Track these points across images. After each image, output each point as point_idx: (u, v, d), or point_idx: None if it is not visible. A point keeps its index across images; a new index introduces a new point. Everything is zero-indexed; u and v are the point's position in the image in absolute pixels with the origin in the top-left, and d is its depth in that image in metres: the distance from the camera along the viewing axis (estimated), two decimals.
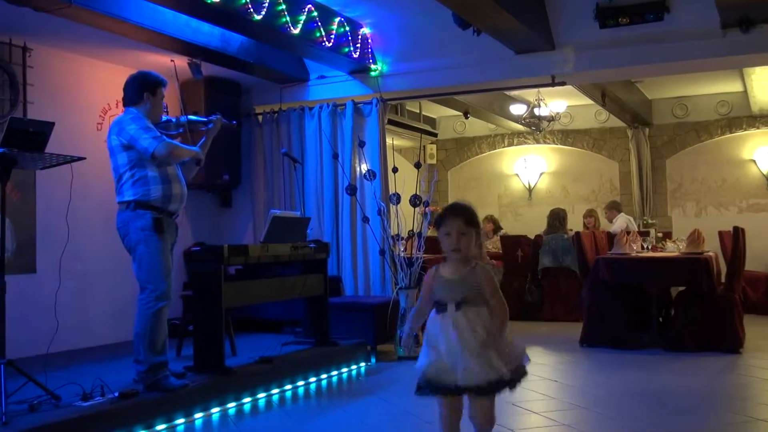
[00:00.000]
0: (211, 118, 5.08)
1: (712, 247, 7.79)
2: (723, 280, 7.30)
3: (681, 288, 7.33)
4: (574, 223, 10.67)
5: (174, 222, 4.70)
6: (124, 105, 4.72)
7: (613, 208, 10.11)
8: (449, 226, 3.10)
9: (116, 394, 4.26)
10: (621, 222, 9.58)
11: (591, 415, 4.61)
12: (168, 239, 4.59)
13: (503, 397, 5.06)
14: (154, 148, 4.45)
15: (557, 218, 9.58)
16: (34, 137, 4.19)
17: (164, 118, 4.88)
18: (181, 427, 4.43)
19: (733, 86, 10.89)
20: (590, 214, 10.42)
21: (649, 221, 11.38)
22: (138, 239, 4.48)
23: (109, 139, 4.59)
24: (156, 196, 4.51)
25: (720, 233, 7.89)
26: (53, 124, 4.31)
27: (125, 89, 4.73)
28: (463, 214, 3.12)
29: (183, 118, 4.94)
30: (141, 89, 4.67)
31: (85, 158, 4.66)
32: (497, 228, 11.09)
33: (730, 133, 11.53)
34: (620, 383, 5.59)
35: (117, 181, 4.58)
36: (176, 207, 4.65)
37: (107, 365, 5.62)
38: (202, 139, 5.03)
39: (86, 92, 7.07)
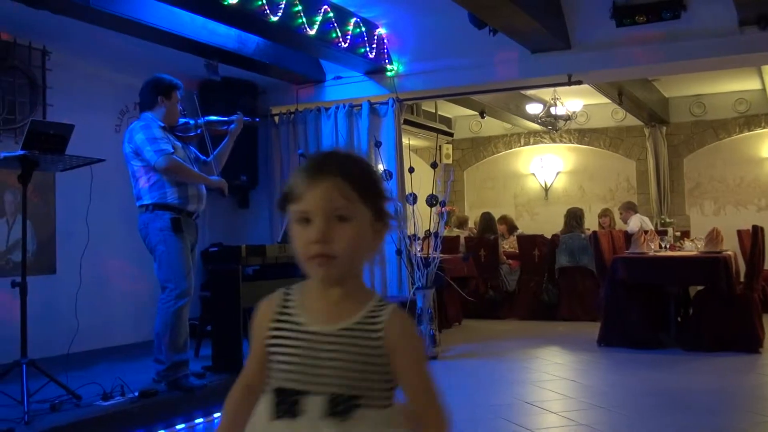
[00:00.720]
0: (232, 117, 5.09)
1: (730, 246, 7.74)
2: (742, 279, 7.25)
3: (699, 287, 7.29)
4: (591, 223, 10.63)
5: (194, 222, 4.73)
6: (140, 110, 4.78)
7: (629, 209, 10.06)
8: (310, 198, 1.43)
9: (136, 394, 4.30)
10: (635, 222, 9.53)
11: (609, 415, 4.60)
12: (187, 239, 4.62)
13: (520, 397, 5.09)
14: (154, 162, 4.48)
15: (574, 217, 9.55)
16: (54, 140, 4.24)
17: (182, 120, 4.90)
18: (201, 427, 4.47)
19: (751, 84, 10.80)
20: (605, 213, 10.38)
21: (667, 220, 11.32)
22: (157, 239, 4.52)
23: (123, 146, 4.66)
24: (173, 197, 4.56)
25: (739, 232, 7.84)
26: (73, 126, 4.35)
27: (140, 95, 4.79)
28: (343, 169, 1.44)
29: (201, 120, 4.94)
30: (155, 93, 4.71)
31: (104, 160, 4.71)
32: (513, 228, 11.08)
33: (749, 131, 11.44)
34: (638, 383, 5.57)
35: (135, 186, 4.64)
36: (195, 207, 4.68)
37: (127, 365, 5.66)
38: (225, 140, 5.05)
39: (104, 94, 7.12)
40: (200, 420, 4.50)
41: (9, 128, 6.08)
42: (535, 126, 11.93)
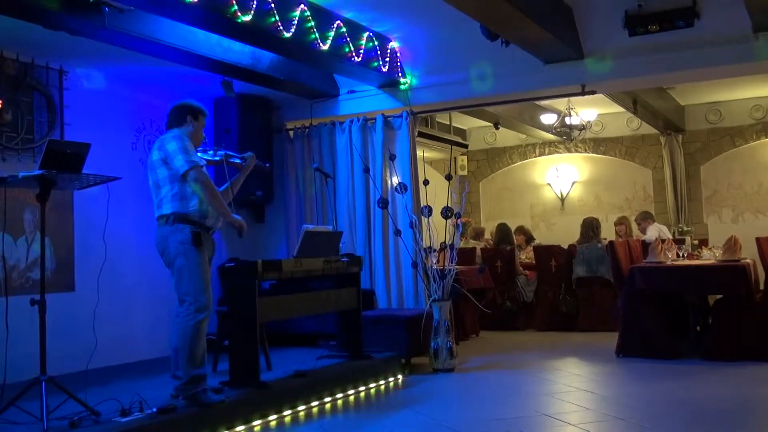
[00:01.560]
0: (245, 155, 5.19)
1: (749, 254, 7.68)
2: (762, 287, 7.18)
3: (718, 296, 7.22)
4: (607, 232, 10.59)
5: (211, 237, 4.78)
6: (168, 128, 4.84)
7: (646, 218, 10.00)
8: None
9: (154, 410, 4.31)
10: (653, 231, 9.47)
11: (628, 427, 4.56)
12: (206, 253, 4.65)
13: (538, 409, 5.07)
14: (185, 170, 4.53)
15: (590, 227, 9.52)
16: (71, 158, 4.29)
17: (203, 146, 4.99)
18: None
19: (767, 90, 10.74)
20: (621, 221, 10.32)
21: (685, 229, 11.24)
22: (177, 252, 4.56)
23: (150, 154, 4.72)
24: (194, 210, 4.60)
25: (758, 240, 7.77)
26: (89, 145, 4.40)
27: (169, 115, 4.86)
28: None
29: (221, 151, 5.04)
30: (184, 113, 4.82)
31: (120, 178, 4.75)
32: (530, 239, 11.06)
33: (766, 137, 11.38)
34: (657, 394, 5.53)
35: (156, 196, 4.67)
36: (213, 223, 4.73)
37: (145, 381, 5.69)
38: (237, 175, 5.12)
39: (121, 112, 7.20)
40: None
41: (28, 147, 6.16)
42: (550, 136, 11.92)
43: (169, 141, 4.62)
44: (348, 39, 6.79)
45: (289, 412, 5.11)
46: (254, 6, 5.64)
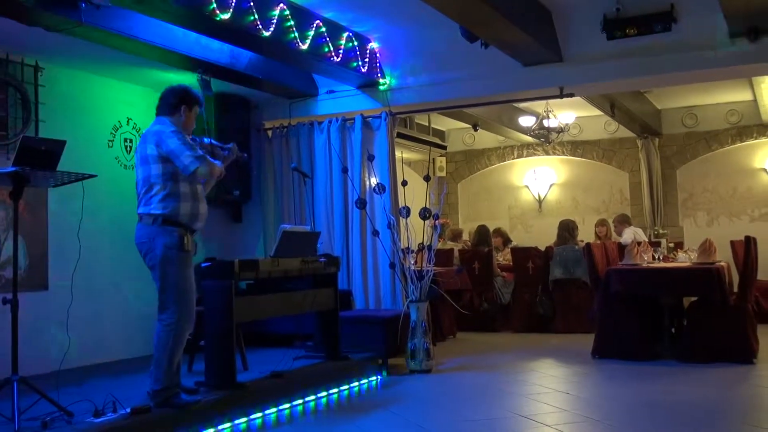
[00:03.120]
0: (227, 145, 5.11)
1: (724, 257, 7.75)
2: (735, 290, 7.25)
3: (693, 298, 7.29)
4: (585, 234, 10.66)
5: (194, 240, 4.70)
6: (158, 113, 4.69)
7: (623, 222, 10.10)
8: None
9: (128, 410, 4.27)
10: (629, 234, 9.56)
11: (603, 428, 4.59)
12: (191, 256, 4.59)
13: (514, 410, 5.08)
14: (196, 167, 4.43)
15: (567, 229, 9.57)
16: (46, 155, 4.23)
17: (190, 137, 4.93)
18: None
19: (742, 95, 10.86)
20: (602, 223, 10.40)
21: (660, 231, 11.34)
22: (164, 257, 4.43)
23: (143, 147, 4.52)
24: (184, 212, 4.49)
25: (732, 243, 7.85)
26: (65, 142, 4.35)
27: (163, 97, 4.71)
28: None
29: (206, 140, 4.97)
30: (180, 102, 4.66)
31: (96, 175, 4.70)
32: (507, 241, 11.11)
33: (741, 142, 11.50)
34: (633, 395, 5.56)
35: (145, 192, 4.50)
36: (200, 225, 4.66)
37: (119, 381, 5.63)
38: (218, 164, 5.07)
39: (97, 110, 7.12)
40: None
41: (1, 144, 6.08)
42: (528, 138, 11.98)
43: (170, 136, 4.45)
44: (327, 39, 6.77)
45: (265, 412, 5.08)
46: (233, 4, 5.61)
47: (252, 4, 5.82)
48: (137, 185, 4.58)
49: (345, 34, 7.08)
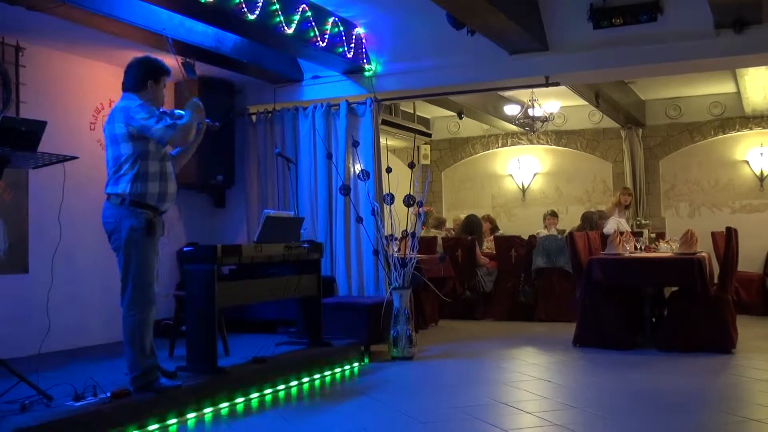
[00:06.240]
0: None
1: (705, 248, 7.81)
2: (716, 280, 7.31)
3: (674, 288, 7.34)
4: (565, 224, 10.79)
5: (162, 219, 4.63)
6: (124, 89, 4.58)
7: (603, 218, 10.22)
8: None
9: (108, 394, 4.24)
10: (611, 224, 9.62)
11: (584, 415, 4.62)
12: (157, 240, 4.54)
13: (495, 397, 5.10)
14: (171, 135, 4.37)
15: (589, 221, 9.75)
16: (26, 136, 4.17)
17: (161, 109, 4.83)
18: (174, 428, 4.41)
19: (726, 87, 10.92)
20: (628, 192, 10.72)
21: (643, 222, 11.39)
22: (129, 239, 4.38)
23: (111, 127, 4.43)
24: (152, 192, 4.42)
25: (713, 234, 7.91)
26: (45, 123, 4.29)
27: (127, 73, 4.59)
28: None
29: (176, 112, 4.86)
30: (145, 76, 4.55)
31: (77, 157, 4.65)
32: (494, 228, 11.15)
33: (723, 134, 11.56)
34: (613, 383, 5.60)
35: (115, 171, 4.42)
36: (168, 206, 4.60)
37: (99, 365, 5.60)
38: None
39: (79, 92, 7.05)
40: (174, 421, 4.44)
41: None
42: (513, 127, 11.98)
43: (138, 112, 4.35)
44: (313, 23, 6.72)
45: (246, 398, 5.07)
46: None
47: None
48: (107, 164, 4.48)
49: (331, 19, 7.04)
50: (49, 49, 6.66)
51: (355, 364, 6.35)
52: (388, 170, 7.14)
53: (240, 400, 5.01)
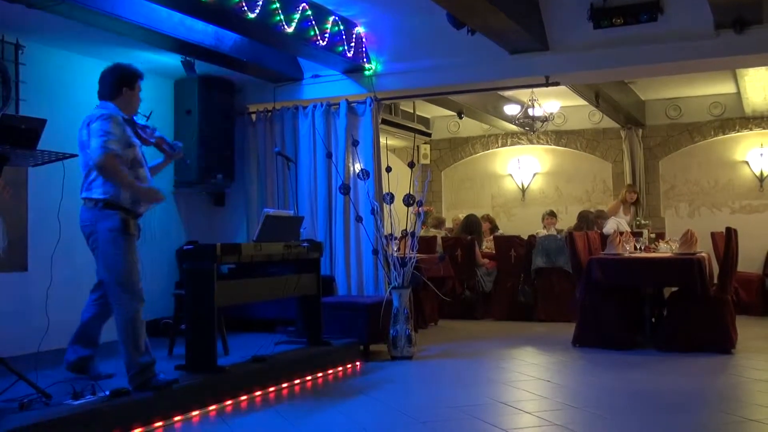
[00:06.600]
0: (176, 143, 5.08)
1: (704, 248, 7.80)
2: (716, 281, 7.31)
3: (674, 288, 7.34)
4: (564, 224, 10.78)
5: (138, 223, 4.65)
6: (100, 98, 4.68)
7: (601, 217, 10.22)
8: None
9: (107, 393, 4.24)
10: (611, 224, 9.63)
11: (583, 415, 4.61)
12: (135, 240, 4.55)
13: (494, 397, 5.10)
14: (99, 164, 4.38)
15: (586, 220, 9.72)
16: (25, 134, 4.17)
17: (144, 121, 4.85)
18: (173, 426, 4.41)
19: (726, 88, 10.91)
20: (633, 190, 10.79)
21: (642, 222, 11.38)
22: (105, 240, 4.43)
23: (80, 133, 4.55)
24: (125, 197, 4.47)
25: (713, 234, 7.91)
26: (45, 121, 4.29)
27: (101, 82, 4.70)
28: None
29: (157, 132, 4.91)
30: (119, 84, 4.64)
31: (76, 155, 4.63)
32: (494, 228, 11.15)
33: (723, 134, 11.55)
34: (613, 383, 5.60)
35: (86, 177, 4.52)
36: (144, 210, 4.63)
37: (99, 364, 5.58)
38: (162, 159, 5.03)
39: (79, 90, 7.01)
40: (174, 419, 4.44)
41: None
42: (513, 127, 11.97)
43: (95, 121, 4.46)
44: (313, 22, 6.72)
45: (245, 397, 5.06)
46: None
47: None
48: (81, 169, 4.57)
49: (331, 18, 7.03)
50: (49, 47, 6.64)
51: (355, 364, 6.34)
52: (388, 170, 7.13)
53: (240, 398, 5.01)
